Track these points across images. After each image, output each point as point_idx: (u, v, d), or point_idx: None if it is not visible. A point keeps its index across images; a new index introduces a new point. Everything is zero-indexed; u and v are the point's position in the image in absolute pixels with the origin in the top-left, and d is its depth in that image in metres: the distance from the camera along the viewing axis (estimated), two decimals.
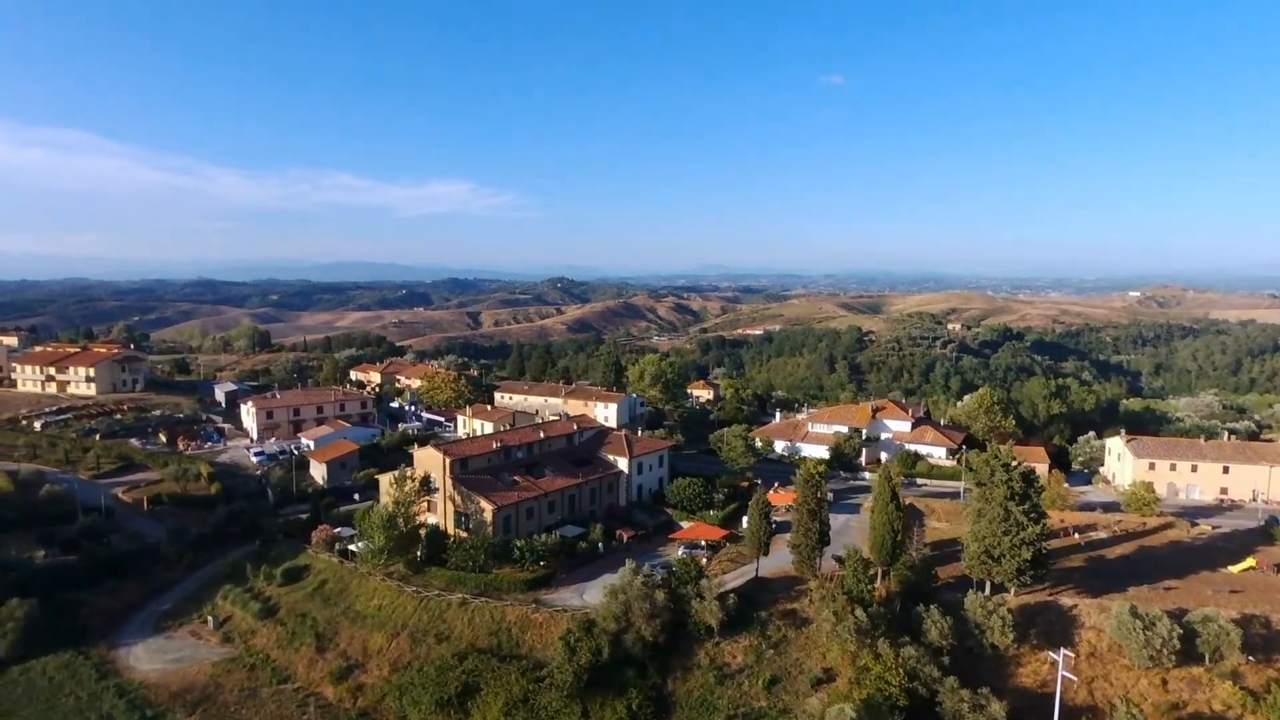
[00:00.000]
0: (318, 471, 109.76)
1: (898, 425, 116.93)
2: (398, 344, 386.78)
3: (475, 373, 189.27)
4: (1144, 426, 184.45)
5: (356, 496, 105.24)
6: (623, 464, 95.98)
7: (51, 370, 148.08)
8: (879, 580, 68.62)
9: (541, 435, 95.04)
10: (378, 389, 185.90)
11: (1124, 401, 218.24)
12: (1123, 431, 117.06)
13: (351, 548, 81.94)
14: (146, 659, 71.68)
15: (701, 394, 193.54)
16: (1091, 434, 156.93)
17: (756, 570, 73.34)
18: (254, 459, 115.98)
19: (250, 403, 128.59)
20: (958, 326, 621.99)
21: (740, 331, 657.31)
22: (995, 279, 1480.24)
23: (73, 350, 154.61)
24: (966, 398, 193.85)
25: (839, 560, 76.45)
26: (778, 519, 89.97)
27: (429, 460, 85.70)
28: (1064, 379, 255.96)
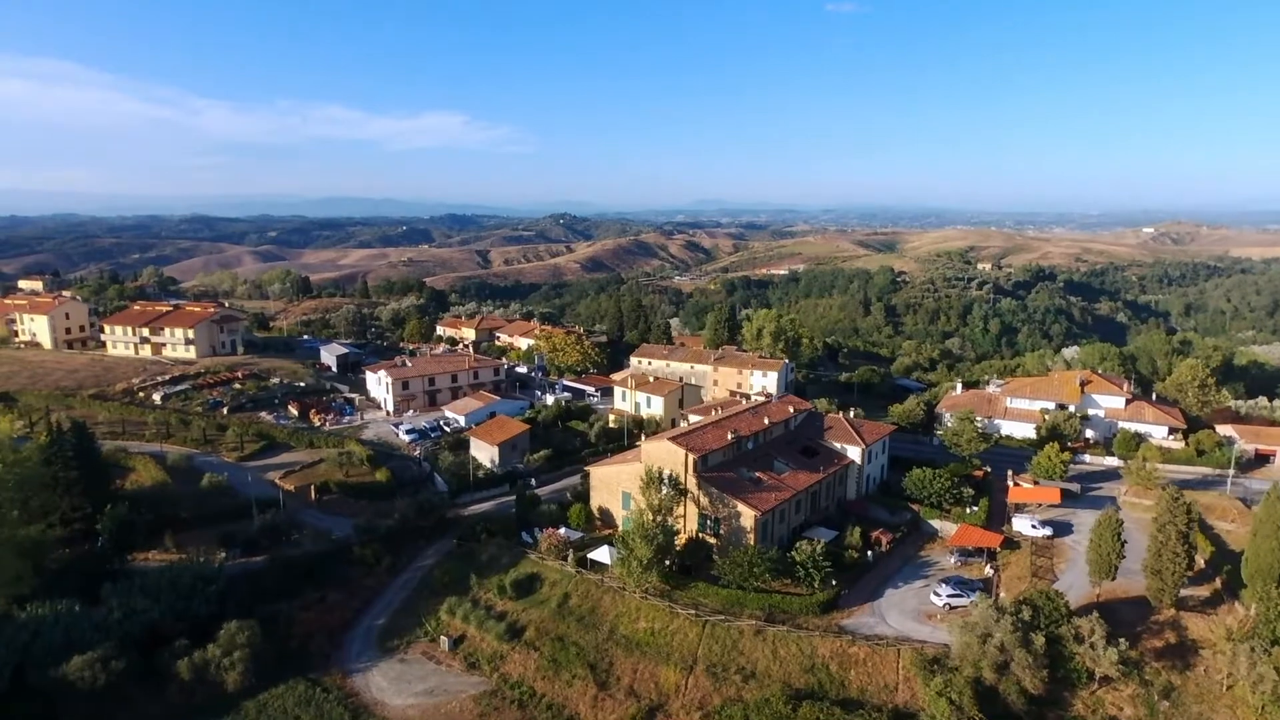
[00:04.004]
0: (484, 453, 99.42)
1: (1109, 401, 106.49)
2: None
3: (581, 330, 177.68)
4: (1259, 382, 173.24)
5: (533, 482, 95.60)
6: (853, 453, 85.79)
7: (145, 332, 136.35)
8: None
9: (766, 422, 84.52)
10: (471, 346, 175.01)
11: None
12: None
13: (592, 556, 72.20)
14: (392, 691, 62.80)
15: None
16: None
17: (1098, 595, 63.94)
18: (405, 437, 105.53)
19: (383, 372, 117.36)
20: (988, 266, 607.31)
21: (764, 271, 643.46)
22: (997, 214, 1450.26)
23: (164, 309, 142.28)
24: (1103, 351, 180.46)
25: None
26: (1044, 517, 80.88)
27: (664, 455, 75.27)
28: (1185, 332, 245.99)
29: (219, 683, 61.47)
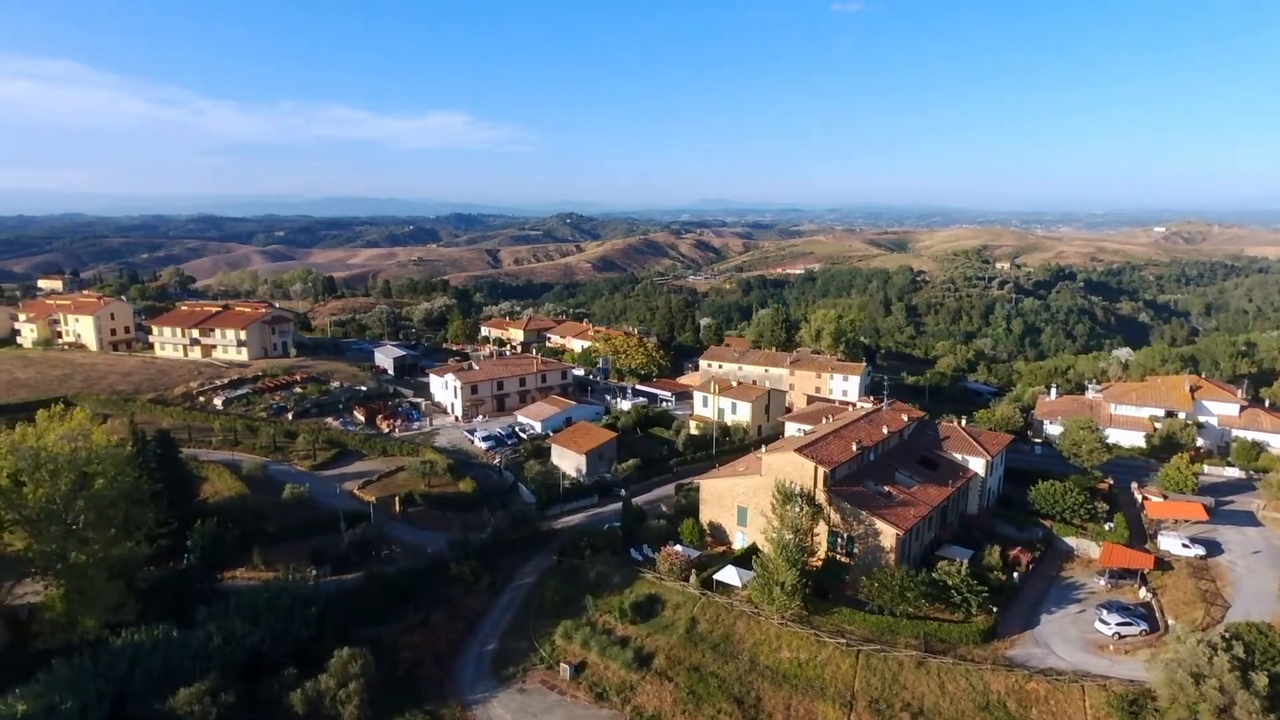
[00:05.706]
0: (569, 462, 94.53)
1: (1222, 408, 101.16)
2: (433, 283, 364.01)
3: (634, 330, 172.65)
4: None
5: (622, 493, 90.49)
6: (975, 465, 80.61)
7: (195, 333, 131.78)
8: None
9: (885, 431, 79.40)
10: (520, 347, 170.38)
11: None
12: None
13: (719, 577, 67.11)
14: None
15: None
16: None
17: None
18: (481, 444, 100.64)
19: (451, 375, 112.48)
20: (1007, 266, 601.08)
21: (778, 270, 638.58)
22: (1002, 213, 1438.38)
23: (214, 310, 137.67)
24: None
25: None
26: (1188, 534, 75.42)
27: (788, 467, 70.20)
28: (1250, 334, 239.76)
29: (334, 716, 56.55)
